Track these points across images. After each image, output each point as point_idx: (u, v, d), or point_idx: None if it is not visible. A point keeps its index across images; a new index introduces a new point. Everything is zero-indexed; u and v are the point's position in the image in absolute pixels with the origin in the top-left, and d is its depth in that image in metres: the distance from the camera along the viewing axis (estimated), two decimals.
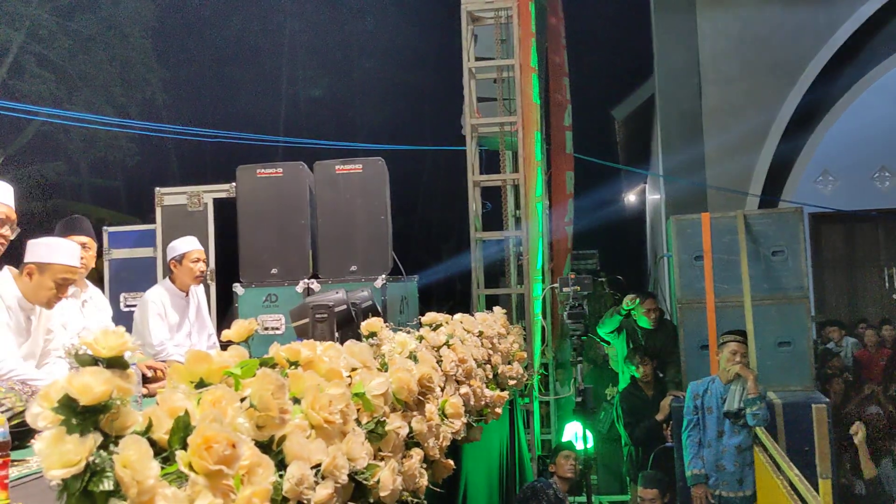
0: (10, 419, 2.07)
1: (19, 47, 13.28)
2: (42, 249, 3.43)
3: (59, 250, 3.47)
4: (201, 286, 5.17)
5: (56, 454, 1.22)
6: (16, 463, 2.21)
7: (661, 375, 6.71)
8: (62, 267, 3.43)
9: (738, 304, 6.16)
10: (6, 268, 3.47)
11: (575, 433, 6.30)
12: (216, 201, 6.39)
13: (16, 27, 13.11)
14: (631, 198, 16.56)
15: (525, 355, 5.29)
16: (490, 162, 7.49)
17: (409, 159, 15.60)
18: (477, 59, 6.87)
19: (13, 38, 13.16)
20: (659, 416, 6.39)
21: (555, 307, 7.69)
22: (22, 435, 2.43)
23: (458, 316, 3.83)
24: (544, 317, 7.21)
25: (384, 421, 2.04)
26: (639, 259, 16.44)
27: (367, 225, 5.86)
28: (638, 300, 6.72)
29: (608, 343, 7.34)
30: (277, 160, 6.21)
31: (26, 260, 3.43)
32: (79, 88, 14.11)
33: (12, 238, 3.33)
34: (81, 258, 3.87)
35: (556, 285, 6.69)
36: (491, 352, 3.99)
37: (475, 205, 6.76)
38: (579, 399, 5.87)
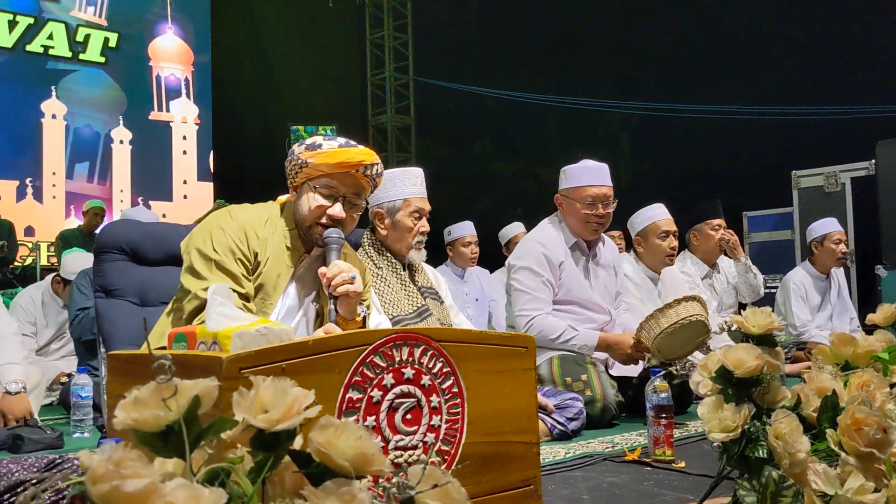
0: (671, 388, 2.36)
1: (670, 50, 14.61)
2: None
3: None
4: (842, 268, 5.07)
5: (716, 419, 1.38)
6: (677, 426, 2.51)
7: None
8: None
9: None
10: None
11: None
12: (854, 180, 6.18)
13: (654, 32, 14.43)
14: None
15: None
16: None
17: None
18: None
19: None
20: None
21: None
22: (680, 401, 2.77)
23: None
24: None
25: None
26: None
27: None
28: None
29: None
30: None
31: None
32: (710, 81, 14.78)
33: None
34: (721, 234, 4.41)
35: None
36: None
37: None
38: None
